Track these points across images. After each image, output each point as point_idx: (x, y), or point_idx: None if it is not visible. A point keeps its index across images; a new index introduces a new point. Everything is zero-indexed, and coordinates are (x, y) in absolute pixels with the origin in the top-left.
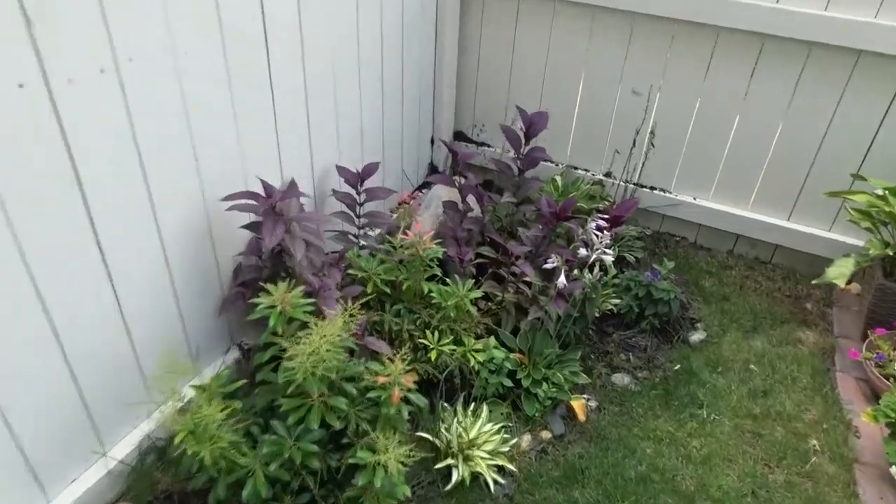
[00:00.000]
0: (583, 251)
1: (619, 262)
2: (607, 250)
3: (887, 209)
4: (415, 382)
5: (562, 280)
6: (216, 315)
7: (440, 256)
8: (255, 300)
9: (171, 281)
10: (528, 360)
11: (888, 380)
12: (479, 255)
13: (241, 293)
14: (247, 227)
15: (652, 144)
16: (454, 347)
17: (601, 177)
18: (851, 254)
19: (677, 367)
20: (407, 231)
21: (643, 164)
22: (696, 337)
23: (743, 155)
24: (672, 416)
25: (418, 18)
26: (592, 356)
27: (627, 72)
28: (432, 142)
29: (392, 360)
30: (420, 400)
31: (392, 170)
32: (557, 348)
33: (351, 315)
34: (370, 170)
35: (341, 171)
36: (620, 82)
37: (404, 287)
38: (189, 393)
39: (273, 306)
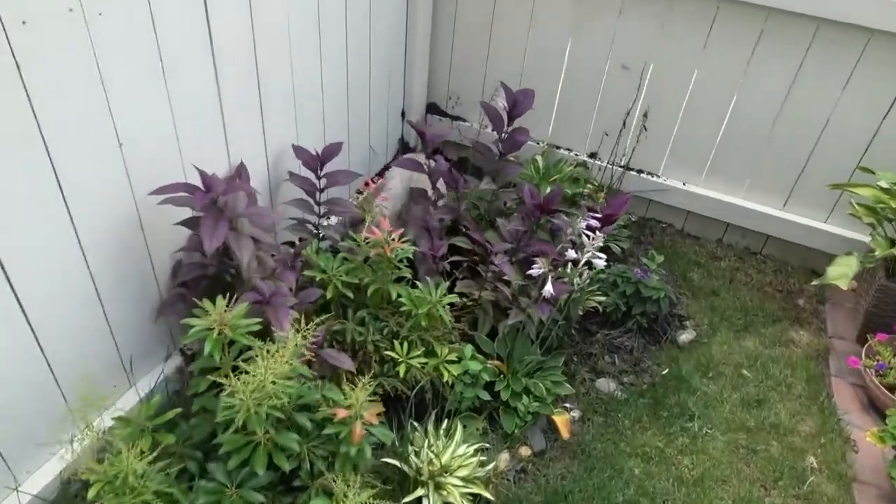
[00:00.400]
0: (571, 252)
1: (603, 251)
2: (599, 254)
3: (894, 205)
4: (381, 397)
5: (548, 289)
6: (153, 320)
7: (411, 256)
8: (188, 320)
9: (94, 288)
10: (507, 368)
11: (892, 392)
12: (452, 248)
13: (182, 294)
14: (184, 223)
15: (644, 128)
16: (425, 360)
17: (585, 158)
18: (854, 252)
19: (665, 371)
20: (374, 227)
21: (634, 149)
22: (686, 337)
23: (738, 138)
24: (661, 430)
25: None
26: (575, 359)
27: (617, 45)
28: (403, 115)
29: (353, 383)
30: (386, 436)
31: (359, 147)
32: (539, 354)
33: (305, 337)
34: (332, 151)
35: (299, 152)
36: (609, 56)
37: (370, 291)
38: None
39: (210, 329)
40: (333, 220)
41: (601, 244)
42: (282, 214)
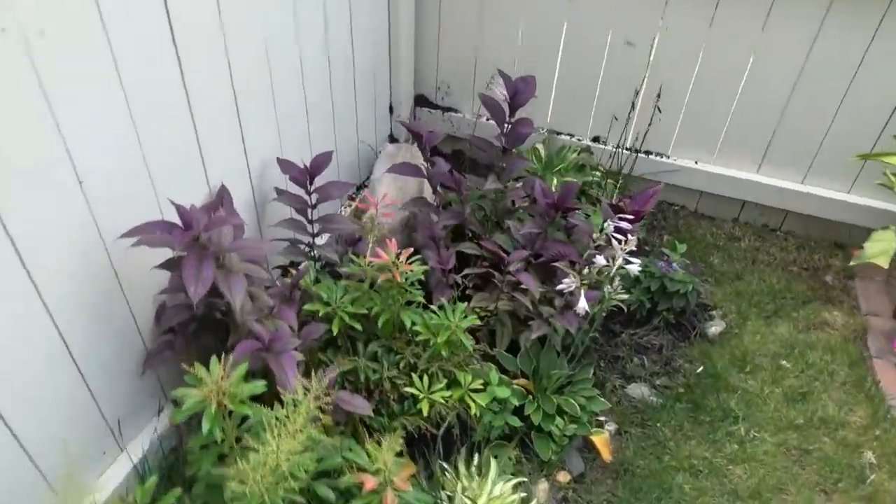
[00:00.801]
0: (600, 259)
1: None
2: (632, 259)
3: None
4: (403, 438)
5: (583, 305)
6: (139, 374)
7: (422, 277)
8: (179, 392)
9: (66, 350)
10: (534, 386)
11: None
12: (459, 255)
13: (169, 341)
14: (164, 266)
15: (658, 109)
16: (449, 393)
17: (589, 142)
18: (891, 226)
19: (699, 369)
20: (378, 250)
21: (647, 132)
22: (715, 329)
23: (753, 111)
24: (706, 437)
25: None
26: (602, 364)
27: (619, 18)
28: (391, 110)
29: (371, 428)
30: (422, 500)
31: (347, 150)
32: (566, 366)
33: (318, 397)
34: (321, 162)
35: (285, 166)
36: (611, 31)
37: (380, 322)
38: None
39: (206, 401)
40: (325, 236)
41: (634, 247)
42: (270, 236)
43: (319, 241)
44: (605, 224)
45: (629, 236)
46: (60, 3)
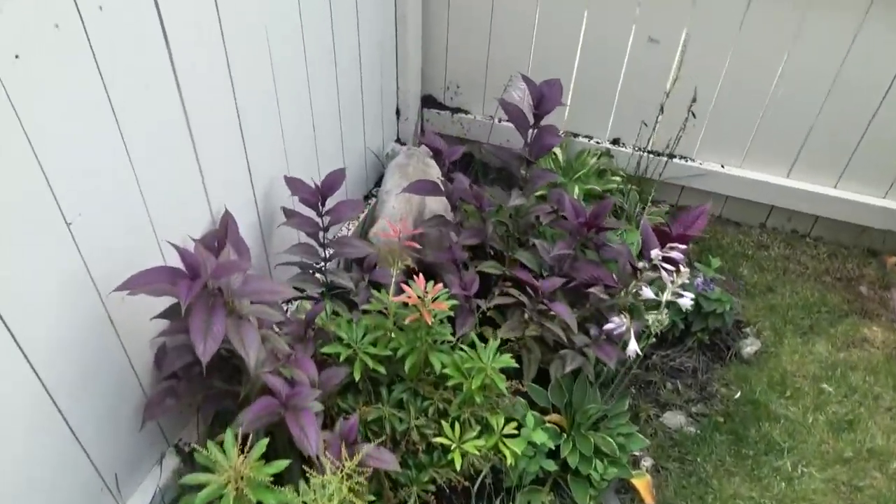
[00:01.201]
0: (647, 291)
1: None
2: (685, 293)
3: None
4: (433, 494)
5: (633, 348)
6: (138, 427)
7: (452, 313)
8: (191, 479)
9: (55, 408)
10: (567, 421)
11: None
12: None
13: (171, 388)
14: (166, 315)
15: (692, 114)
16: (482, 443)
17: (608, 145)
18: None
19: (737, 394)
20: (406, 288)
21: (678, 138)
22: (750, 348)
23: (785, 113)
24: (750, 473)
25: None
26: (634, 390)
27: (643, 14)
28: (398, 113)
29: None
30: None
31: (353, 159)
32: (600, 398)
33: (350, 475)
34: (333, 182)
35: (294, 185)
36: (634, 27)
37: (407, 365)
38: None
39: (224, 488)
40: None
41: (688, 279)
42: (277, 260)
43: (331, 264)
44: (654, 253)
45: (681, 267)
46: (39, 25)
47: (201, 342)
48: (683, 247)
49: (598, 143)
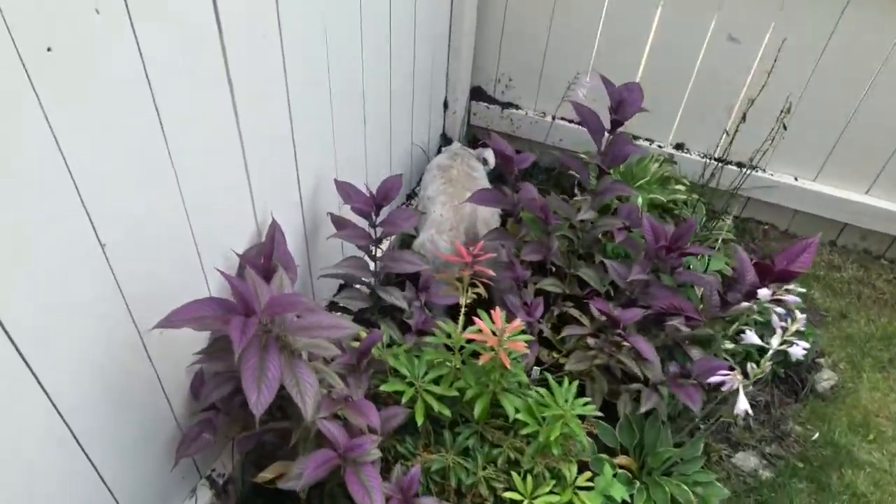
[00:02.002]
0: (751, 336)
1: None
2: (799, 342)
3: None
4: None
5: (743, 407)
6: (170, 466)
7: (528, 352)
8: None
9: (84, 456)
10: (637, 464)
11: None
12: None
13: (208, 420)
14: (206, 351)
15: (784, 126)
16: (557, 498)
17: (671, 149)
18: None
19: (815, 435)
20: (480, 324)
21: (764, 151)
22: (826, 383)
23: (870, 127)
24: None
25: None
26: (701, 426)
27: (725, 10)
28: (445, 105)
29: None
30: None
31: (399, 154)
32: (671, 440)
33: None
34: (390, 189)
35: (346, 191)
36: (713, 24)
37: (477, 409)
38: None
39: None
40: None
41: (803, 326)
42: (319, 270)
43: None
44: (762, 294)
45: (798, 314)
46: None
47: (255, 391)
48: (801, 290)
49: (660, 146)
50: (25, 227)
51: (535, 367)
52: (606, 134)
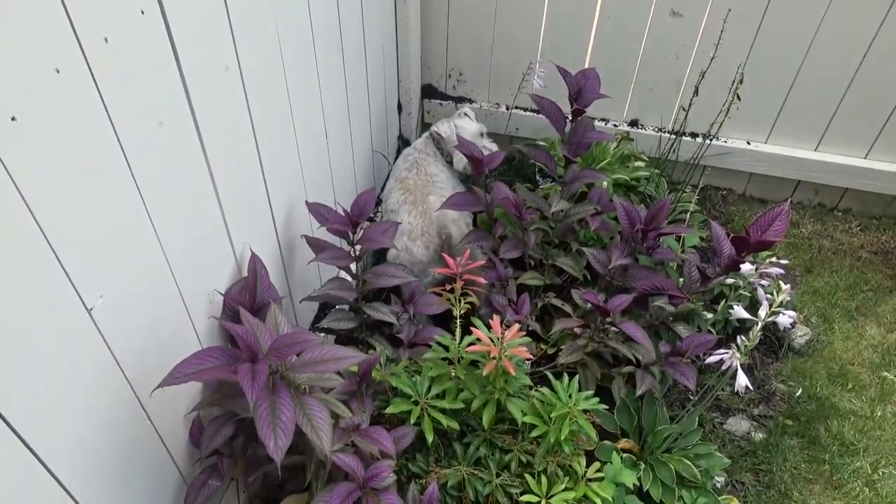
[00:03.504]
0: (738, 310)
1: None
2: (787, 311)
3: None
4: None
5: (744, 382)
6: None
7: (532, 357)
8: None
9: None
10: (638, 445)
11: None
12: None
13: (214, 467)
14: (199, 407)
15: (737, 97)
16: (572, 494)
17: (626, 127)
18: None
19: (798, 391)
20: (478, 333)
21: (721, 122)
22: (802, 339)
23: (815, 86)
24: (830, 481)
25: None
26: (691, 396)
27: None
28: (399, 108)
29: None
30: None
31: (362, 163)
32: (668, 417)
33: None
34: (364, 205)
35: (319, 212)
36: (654, 1)
37: (485, 419)
38: None
39: None
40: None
41: (789, 296)
42: (299, 293)
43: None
44: (745, 269)
45: (782, 284)
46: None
47: (271, 437)
48: (785, 262)
49: (615, 125)
50: (5, 299)
51: (526, 362)
52: (568, 122)
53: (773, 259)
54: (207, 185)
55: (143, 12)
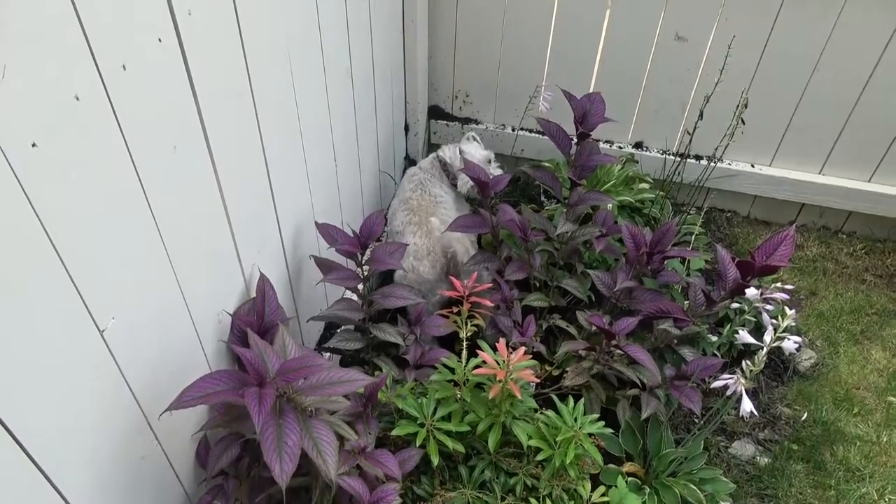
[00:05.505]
0: (744, 335)
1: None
2: (793, 337)
3: None
4: None
5: (749, 408)
6: None
7: (538, 380)
8: None
9: None
10: (643, 469)
11: None
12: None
13: (219, 488)
14: (206, 426)
15: (742, 121)
16: None
17: (631, 149)
18: None
19: (804, 416)
20: (484, 356)
21: (726, 145)
22: (807, 362)
23: (820, 107)
24: None
25: None
26: (696, 420)
27: (670, 10)
28: (406, 129)
29: None
30: None
31: (369, 183)
32: (673, 441)
33: None
34: (373, 225)
35: (328, 233)
36: (659, 25)
37: (491, 442)
38: None
39: None
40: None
41: (794, 321)
42: (307, 312)
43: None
44: (750, 293)
45: (787, 309)
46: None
47: (276, 461)
48: (790, 287)
49: (620, 147)
50: (21, 319)
51: (531, 384)
52: (573, 145)
53: (778, 284)
54: (218, 208)
55: (160, 40)
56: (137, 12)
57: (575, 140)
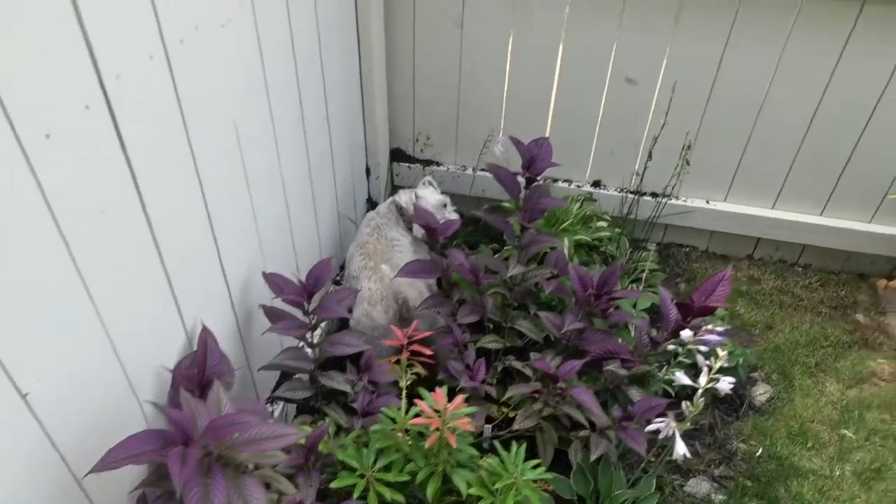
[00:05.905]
0: (680, 376)
1: None
2: (726, 378)
3: None
4: None
5: (681, 451)
6: None
7: (473, 428)
8: None
9: None
10: None
11: None
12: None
13: None
14: (147, 485)
15: (687, 162)
16: None
17: (589, 187)
18: None
19: (759, 451)
20: (422, 405)
21: (674, 185)
22: (762, 396)
23: (768, 145)
24: None
25: (334, 13)
26: (652, 459)
27: (619, 54)
28: (367, 172)
29: None
30: None
31: (327, 228)
32: (625, 481)
33: None
34: (320, 274)
35: (276, 283)
36: (610, 68)
37: (430, 492)
38: None
39: None
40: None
41: (726, 362)
42: (257, 362)
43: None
44: (685, 335)
45: (720, 351)
46: None
47: None
48: (722, 329)
49: (578, 186)
50: None
51: (486, 426)
52: (523, 189)
53: (709, 327)
54: (156, 266)
55: (87, 107)
56: (62, 79)
57: (524, 184)
